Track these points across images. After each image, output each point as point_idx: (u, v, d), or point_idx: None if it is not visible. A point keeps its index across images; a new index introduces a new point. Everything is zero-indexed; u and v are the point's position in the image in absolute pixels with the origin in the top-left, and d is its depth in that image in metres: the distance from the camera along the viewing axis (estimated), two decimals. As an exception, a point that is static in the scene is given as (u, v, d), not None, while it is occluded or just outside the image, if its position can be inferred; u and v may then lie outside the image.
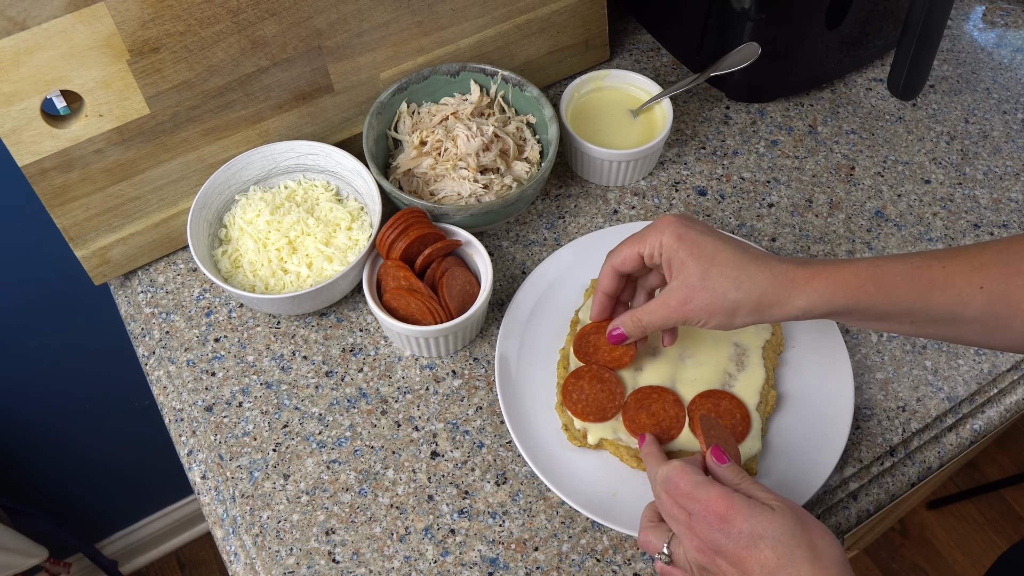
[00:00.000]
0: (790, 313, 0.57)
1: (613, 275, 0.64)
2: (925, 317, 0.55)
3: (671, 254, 0.59)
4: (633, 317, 0.62)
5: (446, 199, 0.78)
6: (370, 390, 0.73)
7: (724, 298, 0.57)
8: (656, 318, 0.60)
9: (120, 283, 0.80)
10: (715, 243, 0.58)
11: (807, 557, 0.48)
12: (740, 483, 0.54)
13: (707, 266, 0.57)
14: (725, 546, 0.50)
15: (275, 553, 0.65)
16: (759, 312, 0.57)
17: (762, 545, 0.49)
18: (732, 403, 0.67)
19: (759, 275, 0.56)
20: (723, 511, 0.51)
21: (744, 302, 0.57)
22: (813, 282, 0.56)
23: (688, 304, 0.58)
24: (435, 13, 0.81)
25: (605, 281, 0.65)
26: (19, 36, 0.64)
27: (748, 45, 0.84)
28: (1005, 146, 0.90)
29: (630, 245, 0.62)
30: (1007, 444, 1.78)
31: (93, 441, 1.30)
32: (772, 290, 0.56)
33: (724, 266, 0.57)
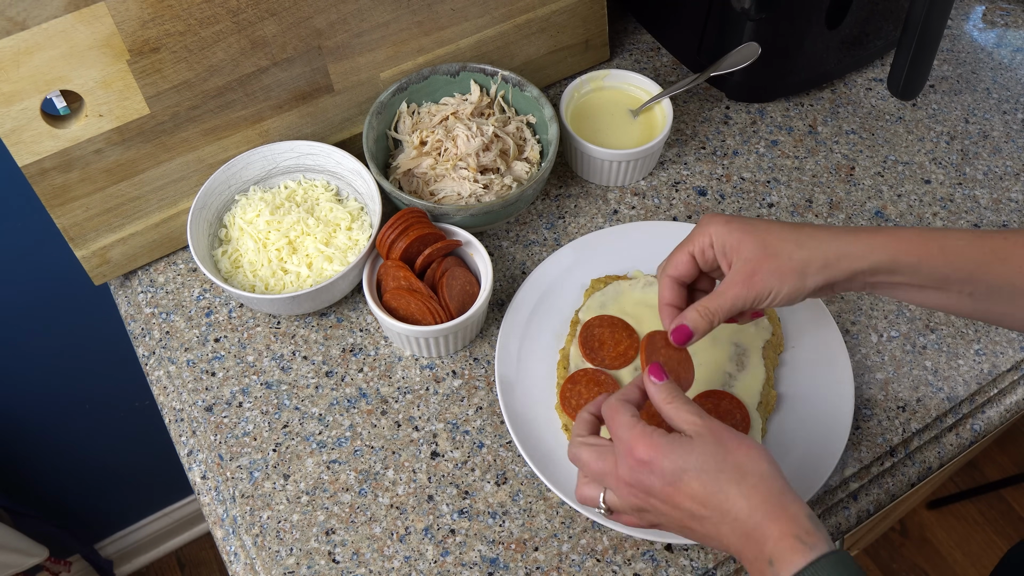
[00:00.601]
0: (859, 266, 0.55)
1: (671, 285, 0.61)
2: (984, 287, 0.55)
3: (724, 239, 0.58)
4: (699, 308, 0.58)
5: (446, 199, 0.78)
6: (370, 390, 0.73)
7: (791, 259, 0.55)
8: (725, 301, 0.57)
9: (120, 283, 0.80)
10: (765, 221, 0.58)
11: (732, 478, 0.49)
12: (670, 402, 0.54)
13: (764, 236, 0.56)
14: (653, 486, 0.51)
15: (275, 553, 0.65)
16: (829, 266, 0.56)
17: (687, 478, 0.50)
18: (732, 403, 0.67)
19: (819, 232, 0.56)
20: (644, 455, 0.51)
21: (812, 259, 0.55)
22: (877, 237, 0.56)
23: (756, 275, 0.56)
24: (435, 13, 0.81)
25: (666, 293, 0.61)
26: (19, 36, 0.64)
27: (748, 45, 0.84)
28: (1005, 146, 0.90)
29: (679, 251, 0.60)
30: (1007, 444, 1.78)
31: (93, 441, 1.30)
32: (837, 244, 0.56)
33: (782, 232, 0.57)
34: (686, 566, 0.65)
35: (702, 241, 0.59)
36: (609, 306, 0.74)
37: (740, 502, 0.49)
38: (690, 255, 0.60)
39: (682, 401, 0.54)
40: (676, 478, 0.50)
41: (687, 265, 0.60)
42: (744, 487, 0.49)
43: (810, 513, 0.49)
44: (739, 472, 0.49)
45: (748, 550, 0.49)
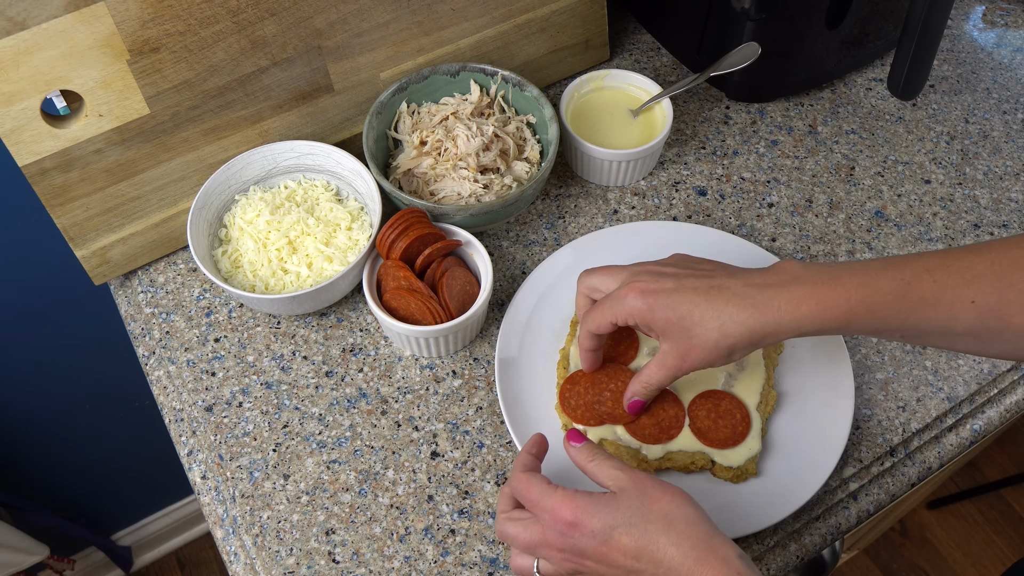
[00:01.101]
0: (783, 338, 0.57)
1: (591, 338, 0.65)
2: (916, 331, 0.55)
3: (647, 320, 0.59)
4: (641, 382, 0.63)
5: (446, 199, 0.78)
6: (370, 390, 0.73)
7: (716, 347, 0.57)
8: (662, 377, 0.61)
9: (120, 283, 0.80)
10: (684, 296, 0.58)
11: (660, 528, 0.50)
12: (592, 460, 0.55)
13: (688, 327, 0.57)
14: (585, 547, 0.52)
15: (275, 553, 0.65)
16: (754, 345, 0.57)
17: (617, 534, 0.51)
18: (732, 403, 0.67)
19: (741, 315, 0.56)
20: (570, 517, 0.52)
21: (737, 344, 0.57)
22: (801, 307, 0.55)
23: (686, 361, 0.59)
24: (435, 13, 0.81)
25: (586, 342, 0.65)
26: (19, 36, 0.64)
27: (748, 45, 0.84)
28: (1005, 146, 0.90)
29: (602, 312, 0.61)
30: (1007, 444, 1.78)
31: (93, 441, 1.30)
32: (760, 324, 0.56)
33: (704, 319, 0.57)
34: (686, 566, 0.65)
35: (623, 314, 0.60)
36: None
37: (671, 551, 0.49)
38: (612, 323, 0.61)
39: (603, 457, 0.55)
40: (607, 536, 0.51)
41: (609, 327, 0.62)
42: (673, 535, 0.50)
43: (740, 553, 0.50)
44: (666, 521, 0.50)
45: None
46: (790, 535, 0.67)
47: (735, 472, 0.65)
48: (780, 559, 0.66)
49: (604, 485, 0.54)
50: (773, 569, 0.66)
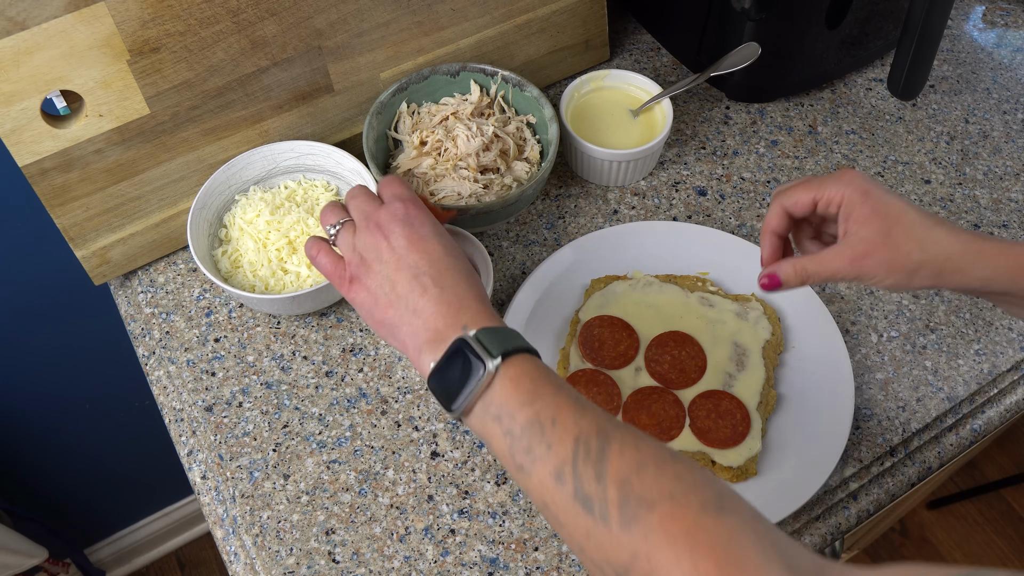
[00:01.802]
0: (968, 283, 0.56)
1: (783, 215, 0.61)
2: None
3: (852, 207, 0.57)
4: (797, 265, 0.59)
5: (446, 199, 0.78)
6: (370, 390, 0.73)
7: (908, 258, 0.55)
8: (825, 269, 0.57)
9: (120, 283, 0.80)
10: (902, 204, 0.56)
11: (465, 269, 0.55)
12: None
13: (893, 224, 0.56)
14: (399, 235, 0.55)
15: (275, 553, 0.65)
16: (939, 276, 0.56)
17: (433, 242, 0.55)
18: (732, 403, 0.68)
19: (946, 240, 0.55)
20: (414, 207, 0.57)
21: (928, 264, 0.55)
22: (1000, 257, 0.55)
23: (866, 259, 0.56)
24: (435, 13, 0.81)
25: (773, 221, 0.61)
26: (19, 36, 0.64)
27: (748, 45, 0.84)
28: (1005, 146, 0.90)
29: (807, 189, 0.59)
30: (1007, 444, 1.78)
31: (93, 441, 1.30)
32: (958, 257, 0.55)
33: (912, 226, 0.56)
34: (686, 566, 0.65)
35: (832, 195, 0.58)
36: (609, 306, 0.74)
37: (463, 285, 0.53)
38: (814, 200, 0.59)
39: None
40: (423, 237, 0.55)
41: (806, 207, 0.59)
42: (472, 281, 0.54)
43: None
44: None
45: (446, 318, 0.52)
46: (790, 535, 0.67)
47: (735, 472, 0.65)
48: (780, 559, 0.66)
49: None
50: (773, 569, 0.66)
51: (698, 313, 0.73)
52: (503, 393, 0.48)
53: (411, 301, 0.53)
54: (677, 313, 0.73)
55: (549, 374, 0.50)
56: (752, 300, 0.74)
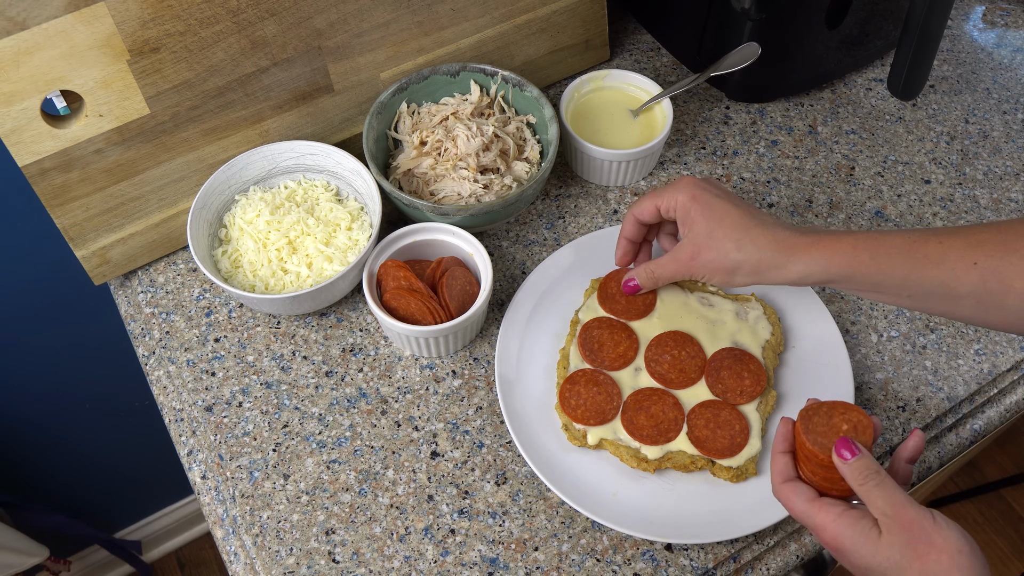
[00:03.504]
0: (787, 277, 0.60)
1: (634, 223, 0.69)
2: (919, 290, 0.57)
3: (684, 212, 0.63)
4: (647, 269, 0.68)
5: (446, 199, 0.78)
6: (370, 390, 0.73)
7: (726, 257, 0.61)
8: (666, 271, 0.66)
9: (120, 283, 0.80)
10: (726, 206, 0.62)
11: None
12: (863, 484, 0.50)
13: (715, 226, 0.61)
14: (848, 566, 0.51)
15: (275, 553, 0.65)
16: (758, 274, 0.60)
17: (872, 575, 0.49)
18: (732, 414, 0.67)
19: (761, 239, 0.60)
20: (832, 542, 0.51)
21: (744, 263, 0.60)
22: (812, 250, 0.59)
23: (694, 260, 0.63)
24: (435, 13, 0.81)
25: (627, 228, 0.69)
26: (19, 36, 0.64)
27: (748, 45, 0.84)
28: (1005, 146, 0.90)
29: (650, 198, 0.66)
30: (1007, 444, 1.78)
31: (93, 441, 1.30)
32: (771, 255, 0.59)
33: (730, 228, 0.61)
34: (686, 566, 0.65)
35: (668, 202, 0.65)
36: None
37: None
38: (656, 207, 0.66)
39: (875, 483, 0.50)
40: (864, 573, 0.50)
41: (651, 213, 0.67)
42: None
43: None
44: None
45: None
46: (790, 535, 0.67)
47: (735, 472, 0.65)
48: (780, 559, 0.66)
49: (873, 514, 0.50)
50: (773, 569, 0.66)
51: (698, 313, 0.73)
52: None
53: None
54: (677, 313, 0.73)
55: None
56: (752, 300, 0.74)
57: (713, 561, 0.65)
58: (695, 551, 0.65)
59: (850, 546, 0.50)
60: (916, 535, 0.48)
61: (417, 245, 0.75)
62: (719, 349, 0.70)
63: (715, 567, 0.65)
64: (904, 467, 0.55)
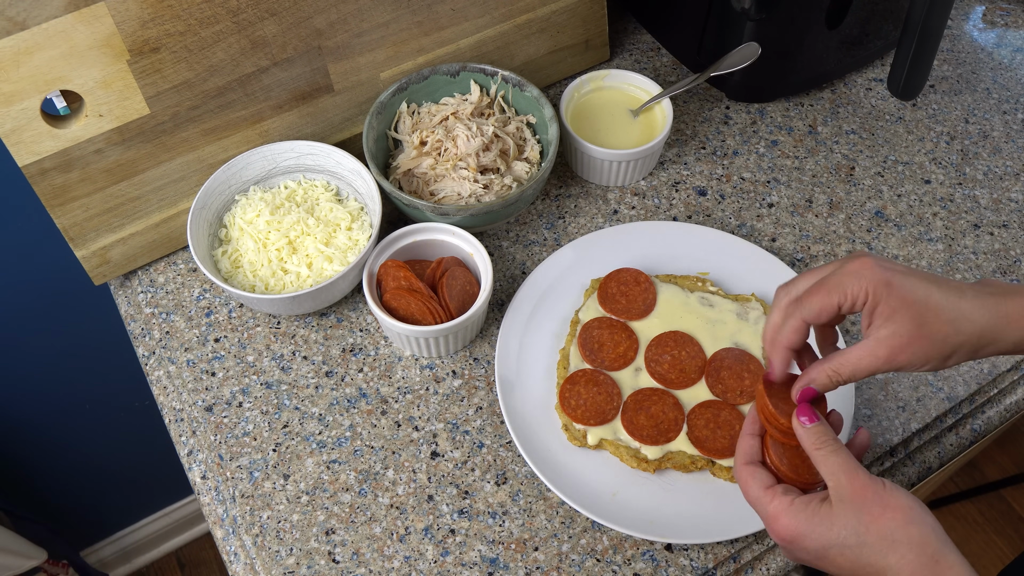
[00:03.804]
0: (1003, 349, 0.53)
1: (804, 330, 0.55)
2: None
3: (878, 301, 0.52)
4: (830, 371, 0.54)
5: (446, 199, 0.78)
6: (370, 390, 0.73)
7: (944, 343, 0.51)
8: (860, 369, 0.53)
9: (120, 283, 0.80)
10: (926, 286, 0.52)
11: (878, 551, 0.47)
12: (819, 448, 0.51)
13: (923, 312, 0.51)
14: (803, 557, 0.51)
15: (275, 553, 0.65)
16: (975, 352, 0.53)
17: (831, 554, 0.49)
18: (732, 414, 0.67)
19: (975, 314, 0.52)
20: (785, 533, 0.50)
21: (965, 344, 0.52)
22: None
23: (903, 353, 0.52)
24: (435, 13, 0.81)
25: (794, 337, 0.55)
26: (19, 36, 0.64)
27: (748, 45, 0.84)
28: (1005, 146, 0.90)
29: (825, 295, 0.53)
30: (1007, 444, 1.78)
31: (93, 441, 1.30)
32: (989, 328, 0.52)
33: (941, 310, 0.51)
34: (686, 566, 0.65)
35: (855, 294, 0.52)
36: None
37: (891, 573, 0.47)
38: (838, 306, 0.53)
39: (830, 449, 0.50)
40: (823, 554, 0.49)
41: (831, 313, 0.53)
42: (892, 558, 0.47)
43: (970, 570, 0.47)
44: (885, 543, 0.47)
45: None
46: (790, 535, 0.67)
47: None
48: (780, 559, 0.66)
49: (825, 481, 0.50)
50: (773, 569, 0.66)
51: (698, 313, 0.73)
52: None
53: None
54: (677, 313, 0.73)
55: None
56: (752, 300, 0.74)
57: (713, 561, 0.65)
58: (695, 551, 0.65)
59: (805, 529, 0.49)
60: (869, 499, 0.48)
61: (417, 245, 0.75)
62: (719, 349, 0.70)
63: (715, 567, 0.65)
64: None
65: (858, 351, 0.52)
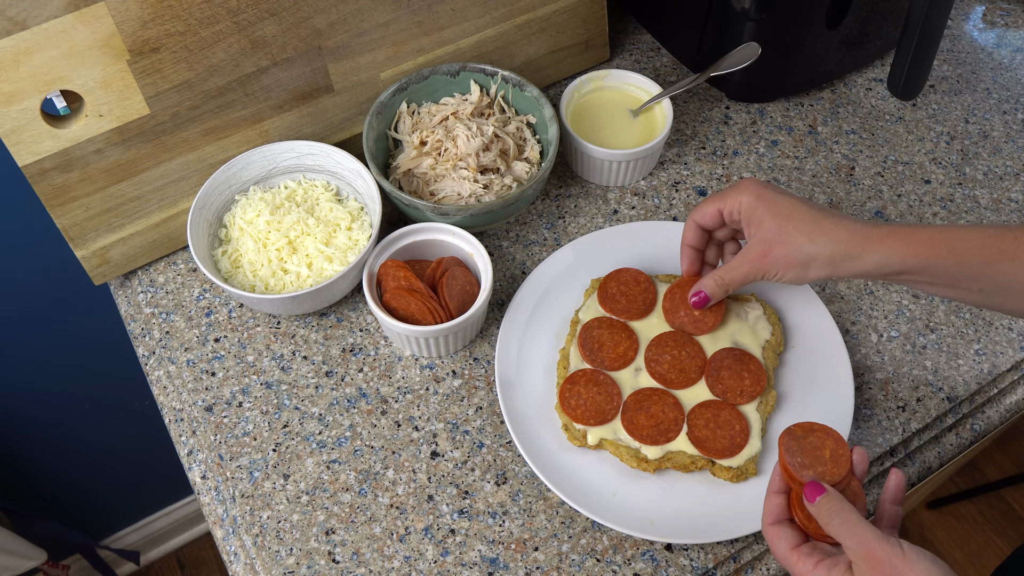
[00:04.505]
0: (862, 268, 0.59)
1: (695, 228, 0.67)
2: (993, 285, 0.56)
3: (750, 212, 0.62)
4: (715, 277, 0.65)
5: (446, 199, 0.78)
6: (370, 390, 0.73)
7: (799, 251, 0.60)
8: (737, 274, 0.64)
9: (120, 283, 0.80)
10: (792, 201, 0.61)
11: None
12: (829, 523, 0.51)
13: (784, 222, 0.60)
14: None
15: (275, 553, 0.65)
16: (832, 265, 0.59)
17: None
18: (732, 414, 0.67)
19: (834, 231, 0.59)
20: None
21: (818, 255, 0.59)
22: (887, 240, 0.58)
23: (766, 257, 0.61)
24: (435, 13, 0.81)
25: (688, 234, 0.68)
26: (19, 36, 0.64)
27: (748, 45, 0.84)
28: (1005, 146, 0.90)
29: (711, 202, 0.65)
30: (1007, 444, 1.78)
31: (93, 441, 1.30)
32: (846, 245, 0.59)
33: (800, 221, 0.60)
34: (686, 566, 0.65)
35: (732, 204, 0.63)
36: None
37: None
38: (719, 211, 0.64)
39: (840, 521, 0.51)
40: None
41: (713, 218, 0.65)
42: None
43: None
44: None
45: None
46: (790, 535, 0.67)
47: (735, 472, 0.65)
48: (780, 559, 0.66)
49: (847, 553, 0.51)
50: (773, 569, 0.66)
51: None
52: None
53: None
54: (677, 313, 0.73)
55: None
56: (752, 300, 0.74)
57: (713, 561, 0.65)
58: (695, 551, 0.65)
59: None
60: (887, 573, 0.48)
61: (417, 245, 0.75)
62: (719, 349, 0.70)
63: (715, 567, 0.65)
64: (891, 509, 0.56)
65: (735, 258, 0.64)
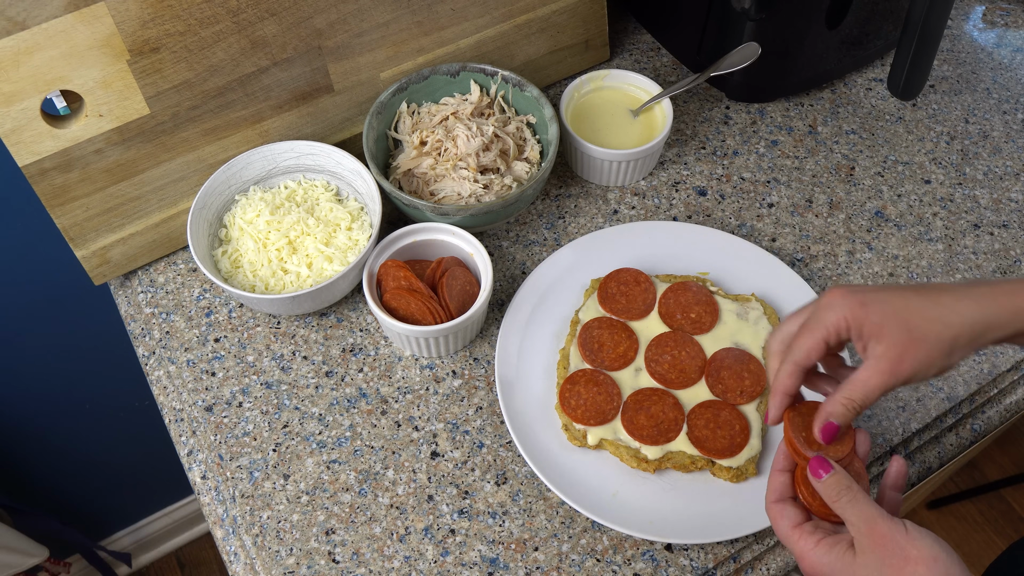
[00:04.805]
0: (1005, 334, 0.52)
1: (797, 373, 0.55)
2: None
3: (861, 323, 0.52)
4: (843, 400, 0.53)
5: (446, 199, 0.78)
6: (370, 390, 0.73)
7: (939, 341, 0.51)
8: (871, 391, 0.52)
9: (120, 283, 0.80)
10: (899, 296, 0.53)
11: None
12: (836, 500, 0.50)
13: (906, 318, 0.51)
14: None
15: (275, 553, 0.65)
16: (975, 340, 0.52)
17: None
18: (732, 414, 0.67)
19: (960, 304, 0.52)
20: (811, 570, 0.50)
21: (959, 336, 0.51)
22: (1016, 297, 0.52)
23: (903, 363, 0.51)
24: (435, 13, 0.81)
25: (788, 382, 0.55)
26: (19, 36, 0.64)
27: (748, 45, 0.84)
28: (1005, 146, 0.90)
29: (808, 335, 0.54)
30: (1007, 444, 1.78)
31: (93, 441, 1.30)
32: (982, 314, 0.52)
33: (923, 311, 0.52)
34: (686, 566, 0.65)
35: (836, 324, 0.53)
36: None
37: None
38: (823, 342, 0.53)
39: (847, 499, 0.50)
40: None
41: (819, 352, 0.54)
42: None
43: None
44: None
45: None
46: (790, 535, 0.67)
47: (735, 472, 0.65)
48: (780, 559, 0.66)
49: (849, 530, 0.50)
50: (773, 569, 0.66)
51: (698, 313, 0.73)
52: None
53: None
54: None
55: None
56: (752, 300, 0.74)
57: (713, 561, 0.65)
58: (695, 551, 0.65)
59: (828, 572, 0.50)
60: (890, 550, 0.47)
61: (417, 245, 0.75)
62: (719, 349, 0.70)
63: (715, 567, 0.65)
64: (891, 495, 0.55)
65: (863, 373, 0.52)
